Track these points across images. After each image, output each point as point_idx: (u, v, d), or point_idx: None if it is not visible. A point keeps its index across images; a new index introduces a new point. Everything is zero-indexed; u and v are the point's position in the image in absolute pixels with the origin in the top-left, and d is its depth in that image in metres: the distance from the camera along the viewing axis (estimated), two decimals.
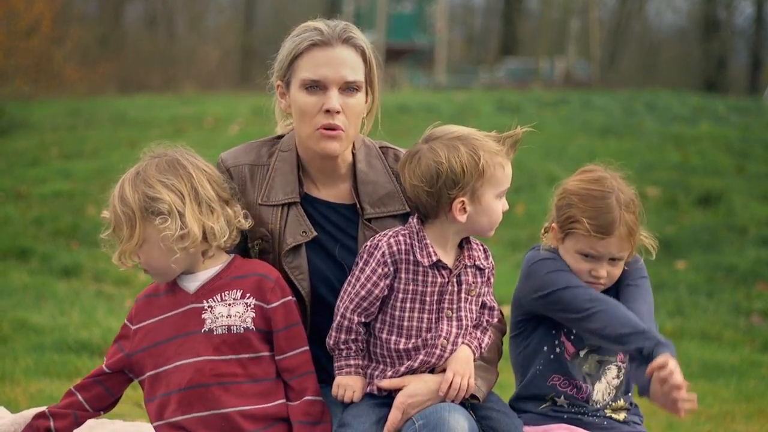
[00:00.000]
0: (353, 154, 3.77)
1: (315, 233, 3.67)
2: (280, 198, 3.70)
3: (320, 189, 3.76)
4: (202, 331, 3.48)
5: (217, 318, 3.48)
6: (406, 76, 39.95)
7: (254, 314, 3.50)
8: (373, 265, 3.47)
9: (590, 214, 3.64)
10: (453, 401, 3.47)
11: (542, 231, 3.87)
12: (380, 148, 3.83)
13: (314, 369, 3.56)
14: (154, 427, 3.53)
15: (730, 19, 42.86)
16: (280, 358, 3.52)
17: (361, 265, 3.50)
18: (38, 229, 12.59)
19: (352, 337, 3.49)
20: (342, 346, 3.50)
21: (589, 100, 22.83)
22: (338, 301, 3.51)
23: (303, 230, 3.67)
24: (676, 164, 15.80)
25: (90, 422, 4.03)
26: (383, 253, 3.46)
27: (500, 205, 3.51)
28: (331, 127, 3.59)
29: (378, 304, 3.48)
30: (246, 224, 3.60)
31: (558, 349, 3.75)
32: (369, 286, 3.46)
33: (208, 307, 3.50)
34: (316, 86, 3.61)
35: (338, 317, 3.49)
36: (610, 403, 3.80)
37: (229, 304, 3.50)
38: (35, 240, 12.08)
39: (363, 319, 3.48)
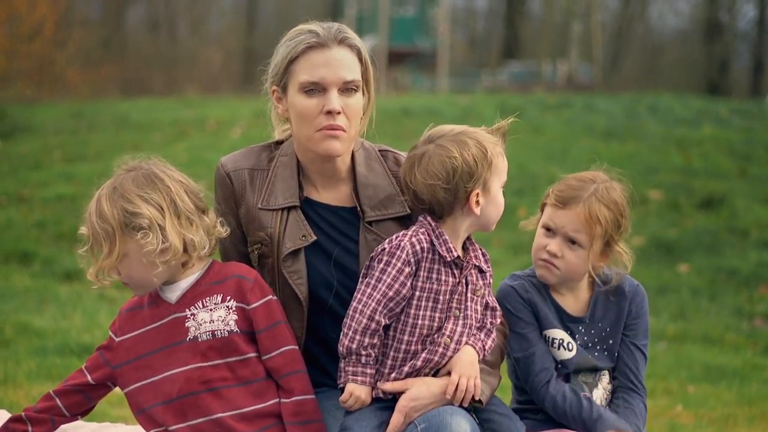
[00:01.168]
0: (353, 158, 3.77)
1: (315, 237, 3.67)
2: (280, 202, 3.70)
3: (320, 192, 3.76)
4: (188, 339, 3.48)
5: (201, 325, 3.48)
6: (408, 79, 39.95)
7: (236, 316, 3.49)
8: (399, 265, 3.47)
9: (560, 187, 3.76)
10: (461, 403, 3.47)
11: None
12: (379, 151, 3.84)
13: (303, 367, 3.55)
14: None
15: (732, 22, 42.84)
16: (266, 358, 3.51)
17: (381, 266, 3.48)
18: (41, 232, 12.59)
19: (375, 341, 3.47)
20: (362, 351, 3.46)
21: (592, 103, 22.83)
22: (358, 304, 3.47)
23: (302, 234, 3.67)
24: (679, 167, 15.79)
25: (92, 426, 4.03)
26: (407, 252, 3.47)
27: (502, 196, 3.58)
28: (333, 128, 3.60)
29: (403, 304, 3.47)
30: (223, 232, 3.59)
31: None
32: (396, 286, 3.46)
33: (191, 314, 3.50)
34: (315, 88, 3.61)
35: (365, 320, 3.45)
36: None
37: (211, 310, 3.50)
38: (37, 243, 12.08)
39: (387, 321, 3.48)
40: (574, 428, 3.70)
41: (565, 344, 3.75)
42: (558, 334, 3.76)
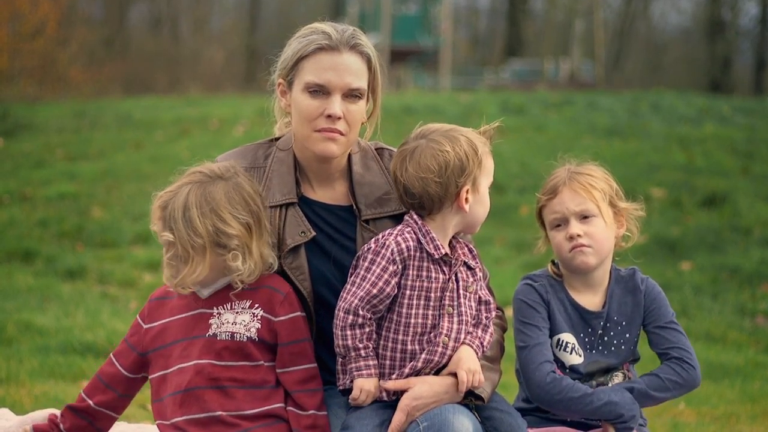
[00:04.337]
0: (349, 156, 3.78)
1: (314, 233, 3.68)
2: (278, 199, 3.71)
3: (317, 191, 3.77)
4: (207, 335, 3.50)
5: (223, 324, 3.51)
6: (410, 77, 39.95)
7: (260, 325, 3.51)
8: (383, 263, 3.48)
9: (543, 189, 3.82)
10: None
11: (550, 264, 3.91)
12: (376, 149, 3.84)
13: (320, 386, 3.57)
14: (157, 426, 3.54)
15: (734, 19, 42.83)
16: (281, 371, 3.54)
17: (367, 264, 3.50)
18: (43, 230, 12.61)
19: (365, 330, 3.48)
20: (359, 344, 3.47)
21: (594, 101, 22.84)
22: (342, 303, 3.49)
23: (302, 230, 3.68)
24: (681, 165, 15.79)
25: None
26: (392, 251, 3.49)
27: (488, 197, 3.61)
28: (332, 131, 3.61)
29: (387, 302, 3.48)
30: (272, 237, 3.61)
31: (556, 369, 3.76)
32: (380, 284, 3.47)
33: (217, 313, 3.52)
34: (319, 90, 3.61)
35: (350, 316, 3.47)
36: None
37: (237, 312, 3.52)
38: (40, 242, 12.09)
39: (372, 315, 3.49)
40: (576, 411, 3.68)
41: (576, 349, 3.75)
42: (570, 338, 3.75)
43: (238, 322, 3.50)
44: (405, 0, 42.89)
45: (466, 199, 3.52)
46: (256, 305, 3.52)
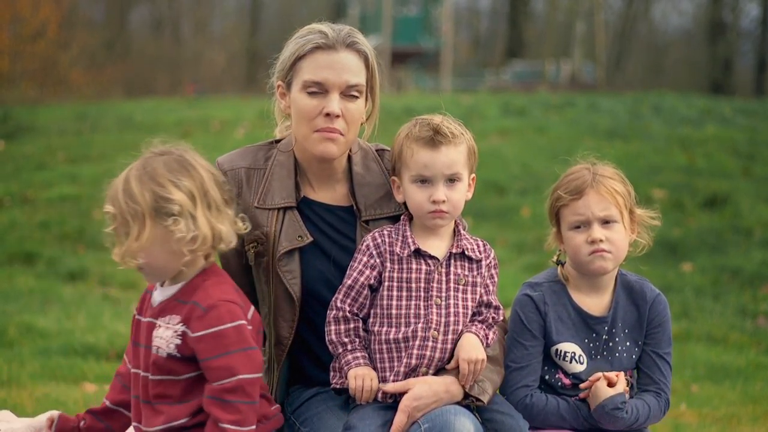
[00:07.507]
0: (350, 157, 3.80)
1: (311, 238, 3.70)
2: (277, 202, 3.72)
3: (317, 192, 3.79)
4: (149, 346, 3.41)
5: (156, 338, 3.39)
6: (411, 79, 39.98)
7: (179, 341, 3.36)
8: (359, 256, 3.58)
9: (564, 183, 3.75)
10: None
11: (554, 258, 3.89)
12: (377, 150, 3.86)
13: (245, 399, 3.36)
14: None
15: (735, 21, 42.86)
16: (208, 385, 3.38)
17: (351, 262, 3.60)
18: (44, 233, 12.62)
19: (352, 326, 3.55)
20: (345, 339, 3.54)
21: (595, 103, 22.84)
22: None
23: (299, 234, 3.70)
24: (683, 166, 15.80)
25: None
26: (368, 245, 3.58)
27: (416, 191, 3.59)
28: (331, 130, 3.62)
29: (365, 293, 3.55)
30: (243, 228, 3.48)
31: (553, 379, 3.76)
32: (355, 274, 3.56)
33: (158, 325, 3.41)
34: (317, 89, 3.63)
35: (333, 311, 3.56)
36: None
37: (167, 327, 3.39)
38: (41, 244, 12.10)
39: (355, 310, 3.55)
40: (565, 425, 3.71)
41: (576, 357, 3.74)
42: (570, 347, 3.75)
43: (165, 337, 3.37)
44: (406, 2, 42.96)
45: (399, 188, 3.64)
46: (180, 321, 3.37)
